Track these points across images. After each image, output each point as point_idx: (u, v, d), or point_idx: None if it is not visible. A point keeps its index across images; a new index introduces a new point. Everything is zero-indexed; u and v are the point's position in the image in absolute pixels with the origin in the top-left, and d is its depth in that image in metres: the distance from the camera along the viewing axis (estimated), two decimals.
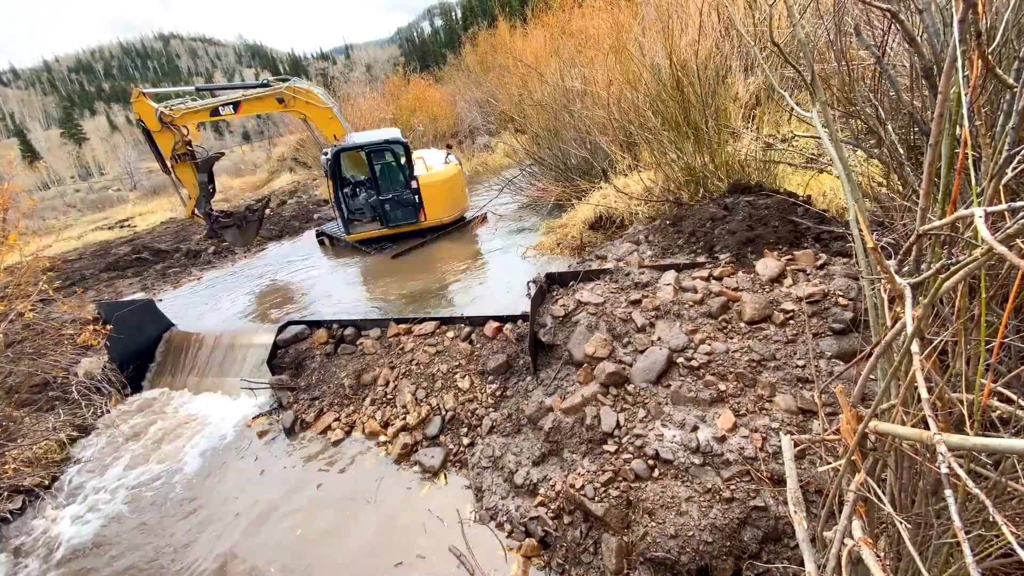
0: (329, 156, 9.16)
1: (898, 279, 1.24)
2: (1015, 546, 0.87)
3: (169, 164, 8.35)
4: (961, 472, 0.92)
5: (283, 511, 4.65)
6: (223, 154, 10.15)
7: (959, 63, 1.21)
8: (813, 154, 6.21)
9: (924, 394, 1.04)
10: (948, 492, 0.94)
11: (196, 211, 8.92)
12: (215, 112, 8.47)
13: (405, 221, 9.63)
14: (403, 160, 9.29)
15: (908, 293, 1.18)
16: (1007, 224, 1.08)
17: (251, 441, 5.70)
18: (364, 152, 9.27)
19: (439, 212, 9.76)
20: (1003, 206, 1.02)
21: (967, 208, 1.11)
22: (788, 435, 1.90)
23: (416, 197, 9.40)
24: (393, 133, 9.61)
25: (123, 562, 4.45)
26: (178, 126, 8.12)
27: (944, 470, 0.93)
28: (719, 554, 3.13)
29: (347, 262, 9.64)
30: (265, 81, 8.96)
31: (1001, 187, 1.28)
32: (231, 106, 8.49)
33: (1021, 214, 1.05)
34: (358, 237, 9.80)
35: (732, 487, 3.29)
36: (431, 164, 9.91)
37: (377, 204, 9.46)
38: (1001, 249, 0.88)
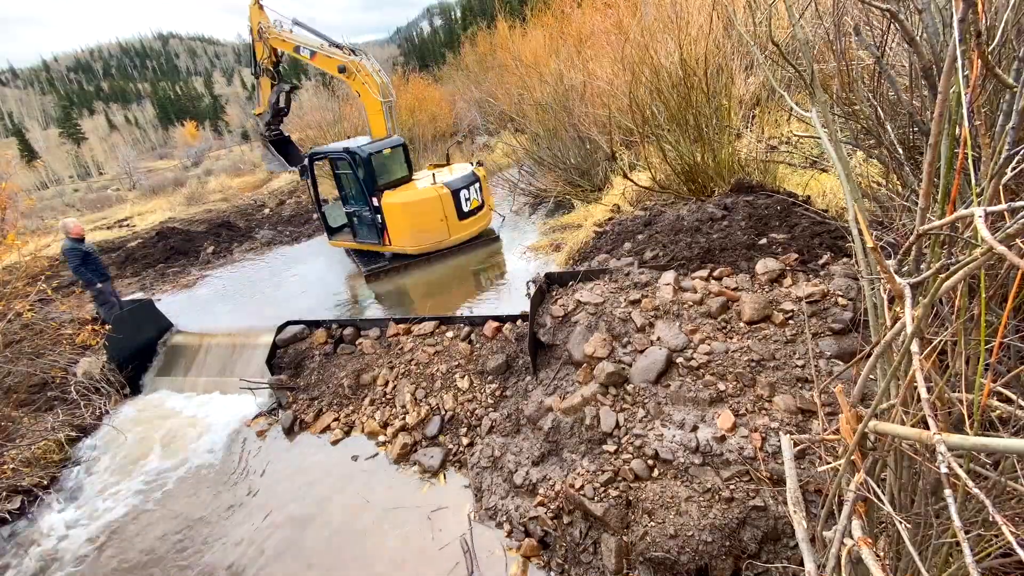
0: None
1: (898, 279, 1.24)
2: (1015, 546, 0.87)
3: (254, 71, 9.41)
4: (961, 472, 0.92)
5: (281, 511, 4.65)
6: (298, 87, 10.76)
7: (959, 63, 1.21)
8: (814, 158, 6.22)
9: (924, 394, 1.04)
10: (948, 492, 0.94)
11: (259, 119, 10.04)
12: (297, 49, 8.61)
13: (369, 241, 8.66)
14: (360, 172, 8.12)
15: (908, 293, 1.18)
16: (1007, 224, 1.08)
17: (250, 441, 5.70)
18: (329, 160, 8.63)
19: (403, 240, 8.23)
20: (1003, 206, 1.02)
21: (967, 208, 1.11)
22: (788, 435, 1.90)
23: (378, 217, 8.20)
24: (359, 141, 8.46)
25: (123, 564, 4.45)
26: (270, 45, 8.83)
27: (944, 470, 0.93)
28: (718, 554, 3.13)
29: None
30: (352, 46, 8.59)
31: (1001, 187, 1.28)
32: (309, 52, 8.49)
33: (1021, 214, 1.05)
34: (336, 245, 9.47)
35: (732, 487, 3.29)
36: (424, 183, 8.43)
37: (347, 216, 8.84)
38: (1001, 249, 0.88)
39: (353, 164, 8.10)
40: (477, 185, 8.61)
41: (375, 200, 8.13)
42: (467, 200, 8.45)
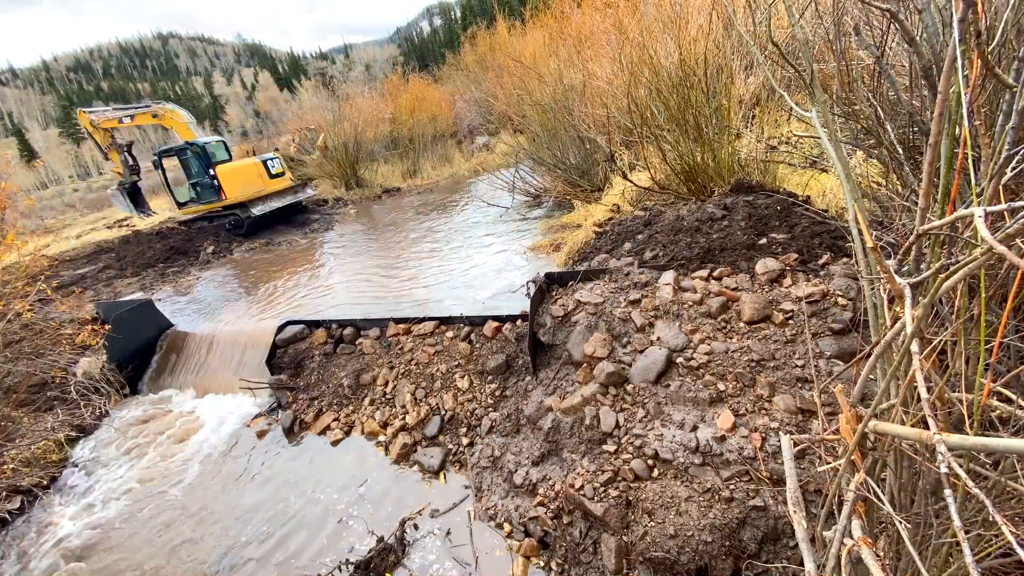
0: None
1: (898, 279, 1.24)
2: (1015, 546, 0.87)
3: (103, 154, 13.26)
4: (961, 472, 0.93)
5: (282, 511, 4.65)
6: (132, 142, 14.39)
7: (959, 63, 1.21)
8: (814, 158, 6.22)
9: (924, 394, 1.04)
10: (948, 492, 0.94)
11: (121, 181, 13.63)
12: (121, 120, 12.78)
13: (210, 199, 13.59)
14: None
15: (908, 293, 1.18)
16: (1007, 224, 1.08)
17: (250, 441, 5.70)
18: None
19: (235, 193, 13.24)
20: (1003, 206, 1.02)
21: (967, 208, 1.11)
22: (788, 435, 1.90)
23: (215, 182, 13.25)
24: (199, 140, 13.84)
25: (122, 565, 4.44)
26: (104, 128, 12.60)
27: (944, 470, 0.93)
28: (718, 554, 3.13)
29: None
30: (147, 104, 13.78)
31: (1001, 187, 1.28)
32: (129, 117, 12.89)
33: (1021, 214, 1.05)
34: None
35: (732, 487, 3.29)
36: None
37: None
38: (1001, 249, 0.88)
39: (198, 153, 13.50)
40: (276, 160, 14.74)
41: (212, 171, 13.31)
42: (272, 166, 14.47)
